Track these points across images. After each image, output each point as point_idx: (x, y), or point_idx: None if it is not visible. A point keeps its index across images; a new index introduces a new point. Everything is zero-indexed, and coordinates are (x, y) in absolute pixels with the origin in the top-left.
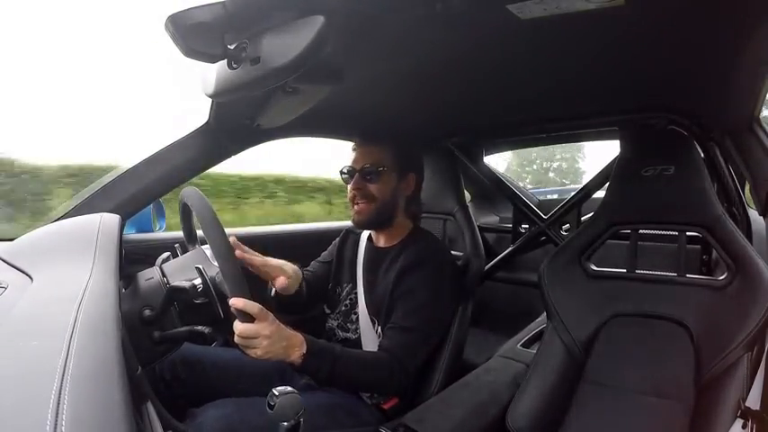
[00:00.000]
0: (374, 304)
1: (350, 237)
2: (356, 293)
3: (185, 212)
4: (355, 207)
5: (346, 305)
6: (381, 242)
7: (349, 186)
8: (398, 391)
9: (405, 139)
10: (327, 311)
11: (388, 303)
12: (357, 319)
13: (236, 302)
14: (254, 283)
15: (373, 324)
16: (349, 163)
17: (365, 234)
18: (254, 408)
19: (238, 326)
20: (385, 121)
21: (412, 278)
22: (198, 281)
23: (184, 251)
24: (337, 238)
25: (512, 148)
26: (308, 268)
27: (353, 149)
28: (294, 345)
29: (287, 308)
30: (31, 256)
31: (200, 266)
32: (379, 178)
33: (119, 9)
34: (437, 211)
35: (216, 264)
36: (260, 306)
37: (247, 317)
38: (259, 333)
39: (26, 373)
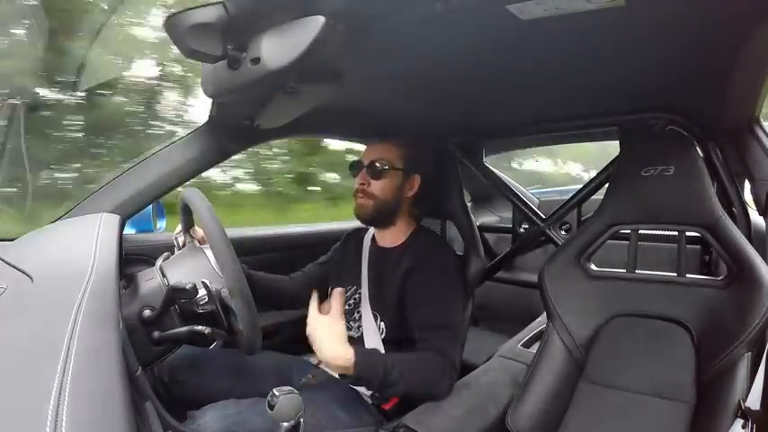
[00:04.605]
0: (378, 301)
1: (351, 240)
2: (360, 293)
3: (185, 213)
4: (357, 201)
5: (350, 304)
6: (386, 242)
7: (355, 180)
8: (449, 390)
9: (414, 141)
10: None
11: (396, 301)
12: (360, 317)
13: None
14: None
15: (376, 319)
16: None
17: (369, 235)
18: (255, 409)
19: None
20: (385, 120)
21: (425, 277)
22: (202, 291)
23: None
24: (338, 242)
25: (512, 149)
26: (302, 269)
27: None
28: (345, 353)
29: (272, 303)
30: (31, 256)
31: (206, 281)
32: (384, 176)
33: None
34: (437, 210)
35: (216, 269)
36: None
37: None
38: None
39: (26, 373)
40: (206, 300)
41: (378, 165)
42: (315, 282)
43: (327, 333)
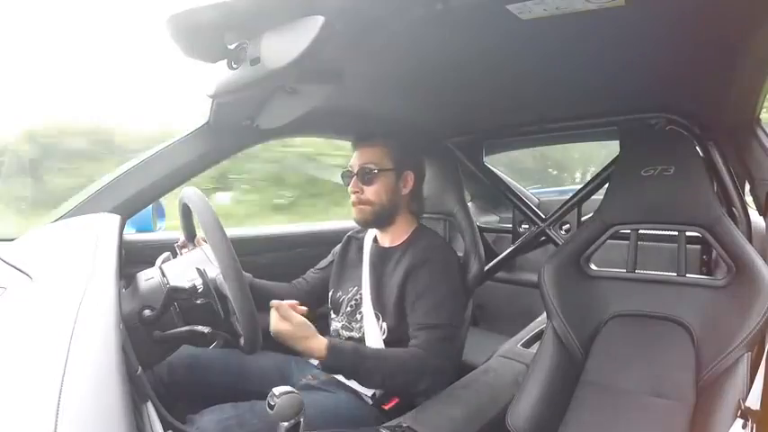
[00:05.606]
0: (380, 301)
1: (352, 242)
2: (361, 294)
3: (185, 212)
4: (355, 208)
5: (351, 306)
6: (386, 242)
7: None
8: (433, 388)
9: (400, 138)
10: (332, 316)
11: (396, 301)
12: (362, 317)
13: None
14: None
15: (378, 320)
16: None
17: (369, 236)
18: (253, 412)
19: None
20: (385, 121)
21: (424, 276)
22: (198, 281)
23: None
24: (338, 246)
25: (512, 149)
26: (303, 276)
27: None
28: (317, 342)
29: None
30: (31, 256)
31: (201, 268)
32: (375, 180)
33: None
34: (437, 211)
35: (216, 264)
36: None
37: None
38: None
39: (26, 373)
40: (202, 289)
41: (367, 169)
42: (316, 286)
43: (291, 335)
